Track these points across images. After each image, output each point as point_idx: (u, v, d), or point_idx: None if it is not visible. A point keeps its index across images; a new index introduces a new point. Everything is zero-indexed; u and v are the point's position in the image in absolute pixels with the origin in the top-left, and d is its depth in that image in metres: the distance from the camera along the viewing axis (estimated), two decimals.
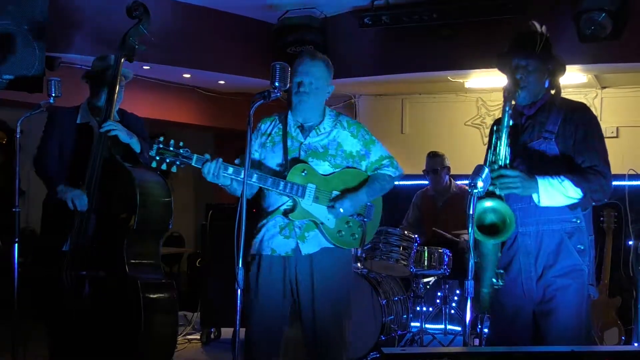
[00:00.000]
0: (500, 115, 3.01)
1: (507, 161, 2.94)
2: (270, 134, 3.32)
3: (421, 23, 6.11)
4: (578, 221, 3.01)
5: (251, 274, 3.27)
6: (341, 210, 3.20)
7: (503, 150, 2.94)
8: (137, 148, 3.94)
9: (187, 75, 7.09)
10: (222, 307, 5.12)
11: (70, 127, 4.03)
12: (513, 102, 3.03)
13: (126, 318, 3.79)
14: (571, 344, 2.75)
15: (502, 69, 3.14)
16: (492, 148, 2.98)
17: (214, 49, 6.71)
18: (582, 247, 2.99)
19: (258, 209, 3.37)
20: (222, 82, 7.33)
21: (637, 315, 5.06)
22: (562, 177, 2.89)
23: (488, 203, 2.86)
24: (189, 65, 6.66)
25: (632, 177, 5.48)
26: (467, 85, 7.14)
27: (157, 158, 3.01)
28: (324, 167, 3.24)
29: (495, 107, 7.45)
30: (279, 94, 3.00)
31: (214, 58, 6.75)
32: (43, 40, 4.22)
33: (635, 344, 5.01)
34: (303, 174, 3.19)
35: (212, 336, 5.94)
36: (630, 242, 5.28)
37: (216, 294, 5.63)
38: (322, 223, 3.21)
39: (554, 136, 3.01)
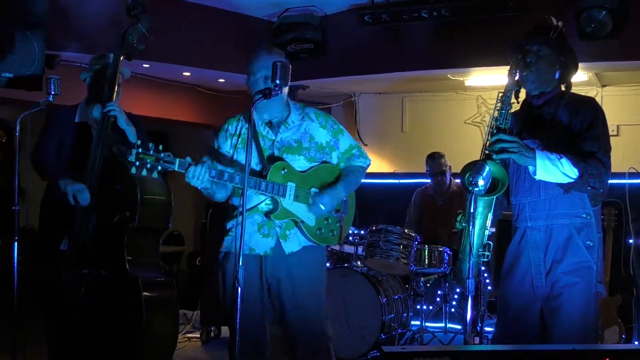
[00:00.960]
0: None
1: (508, 126, 2.94)
2: (239, 134, 3.22)
3: (421, 21, 6.10)
4: (588, 217, 3.00)
5: (228, 272, 3.19)
6: (322, 207, 3.12)
7: (505, 114, 2.94)
8: (133, 138, 3.93)
9: (187, 74, 7.08)
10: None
11: (69, 126, 4.04)
12: (514, 101, 3.03)
13: (126, 316, 3.79)
14: (577, 342, 2.75)
15: (512, 58, 3.09)
16: (495, 112, 2.98)
17: (214, 47, 6.70)
18: (591, 244, 2.98)
19: (228, 207, 3.28)
20: (222, 80, 7.31)
21: (637, 314, 5.06)
22: (561, 154, 2.88)
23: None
24: (188, 63, 6.64)
25: (632, 175, 5.48)
26: (467, 83, 7.12)
27: (137, 164, 2.82)
28: (299, 162, 3.17)
29: None
30: (280, 92, 2.98)
31: (214, 56, 6.74)
32: (42, 38, 4.20)
33: (636, 343, 5.02)
34: (283, 172, 3.11)
35: (212, 335, 5.94)
36: (631, 241, 5.28)
37: (216, 293, 5.62)
38: (302, 221, 3.14)
39: (560, 130, 3.01)
